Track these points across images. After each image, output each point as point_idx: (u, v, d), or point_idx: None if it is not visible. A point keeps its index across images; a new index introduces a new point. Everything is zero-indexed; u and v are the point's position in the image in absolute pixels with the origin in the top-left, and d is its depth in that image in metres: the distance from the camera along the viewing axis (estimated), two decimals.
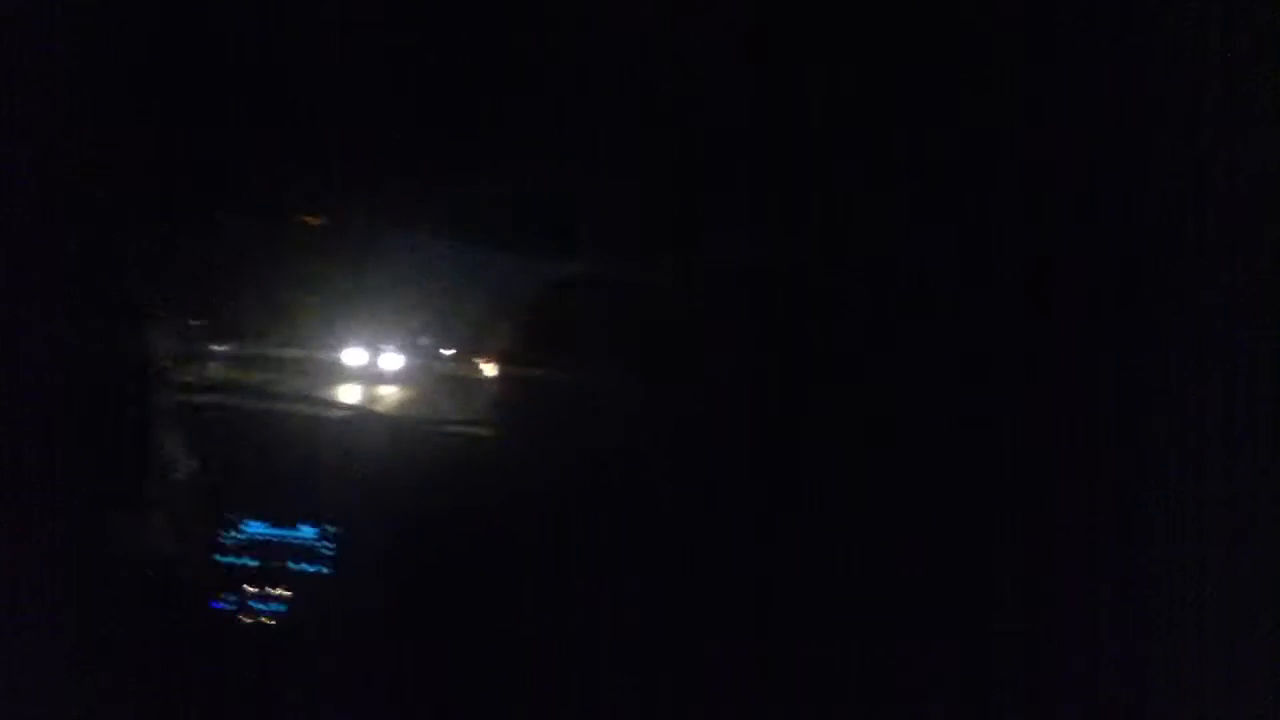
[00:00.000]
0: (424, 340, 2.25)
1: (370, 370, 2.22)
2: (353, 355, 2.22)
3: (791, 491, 1.82)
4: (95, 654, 1.90)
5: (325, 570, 2.17)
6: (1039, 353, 1.54)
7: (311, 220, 2.28)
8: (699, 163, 2.02)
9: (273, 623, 2.12)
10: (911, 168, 1.67)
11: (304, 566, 2.17)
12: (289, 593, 2.13)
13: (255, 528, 2.15)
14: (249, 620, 2.10)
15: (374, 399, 2.23)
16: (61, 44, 1.74)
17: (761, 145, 1.86)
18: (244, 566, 2.12)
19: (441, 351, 2.22)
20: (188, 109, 1.93)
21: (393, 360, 2.22)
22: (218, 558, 2.12)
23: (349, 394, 2.23)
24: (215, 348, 2.16)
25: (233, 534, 2.13)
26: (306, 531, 2.19)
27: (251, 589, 2.12)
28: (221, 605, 2.09)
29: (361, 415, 2.23)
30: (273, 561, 2.14)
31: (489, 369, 2.25)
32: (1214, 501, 1.30)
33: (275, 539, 2.18)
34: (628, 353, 2.09)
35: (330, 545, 2.18)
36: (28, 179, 1.77)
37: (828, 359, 1.80)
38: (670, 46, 1.86)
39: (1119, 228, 1.43)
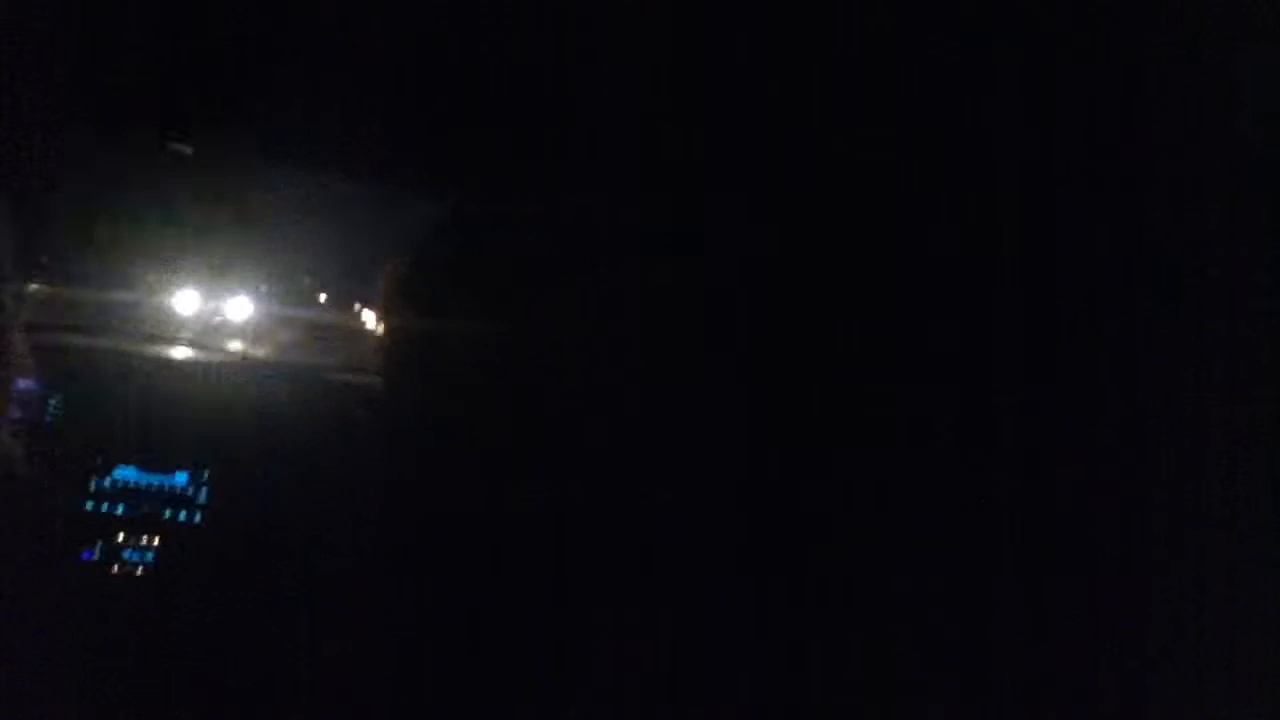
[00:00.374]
0: (299, 285, 2.13)
1: (239, 316, 2.12)
2: (217, 301, 2.11)
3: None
4: None
5: (196, 517, 2.14)
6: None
7: (178, 148, 2.14)
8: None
9: (141, 572, 2.10)
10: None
11: (177, 514, 2.14)
12: (158, 541, 2.11)
13: (126, 474, 2.11)
14: (119, 570, 2.08)
15: (245, 345, 2.14)
16: None
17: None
18: (113, 514, 2.09)
19: (316, 297, 2.12)
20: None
21: (259, 305, 2.12)
22: (87, 505, 2.08)
23: (219, 340, 2.14)
24: (76, 289, 2.06)
25: (103, 481, 2.09)
26: (179, 478, 2.15)
27: (122, 537, 2.09)
28: (90, 554, 2.07)
29: (231, 362, 2.15)
30: (143, 509, 2.11)
31: (364, 316, 2.15)
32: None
33: (145, 485, 2.13)
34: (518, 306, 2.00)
35: (202, 491, 2.14)
36: None
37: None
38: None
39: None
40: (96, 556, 2.06)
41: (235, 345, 2.14)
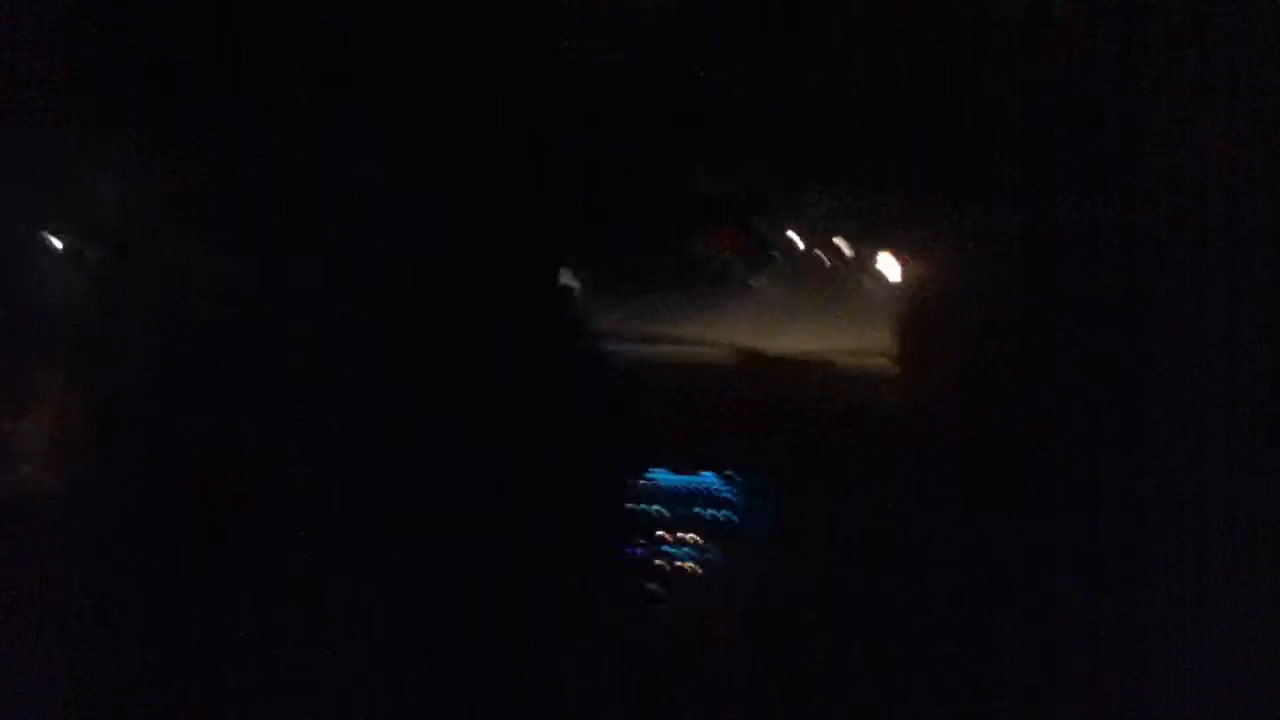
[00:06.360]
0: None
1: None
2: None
3: None
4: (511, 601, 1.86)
5: (731, 516, 2.13)
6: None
7: None
8: None
9: (689, 567, 2.08)
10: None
11: (711, 512, 2.13)
12: (700, 539, 2.09)
13: (659, 475, 2.12)
14: (664, 565, 2.06)
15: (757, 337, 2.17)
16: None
17: None
18: (653, 513, 2.09)
19: None
20: None
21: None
22: (628, 504, 2.09)
23: (732, 333, 2.17)
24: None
25: (640, 480, 2.10)
26: (708, 478, 2.15)
27: (663, 535, 2.08)
28: (636, 551, 2.06)
29: (746, 354, 2.18)
30: (679, 509, 2.11)
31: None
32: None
33: (679, 486, 2.14)
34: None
35: (732, 491, 2.14)
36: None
37: None
38: None
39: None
40: (641, 553, 2.05)
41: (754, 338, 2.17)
